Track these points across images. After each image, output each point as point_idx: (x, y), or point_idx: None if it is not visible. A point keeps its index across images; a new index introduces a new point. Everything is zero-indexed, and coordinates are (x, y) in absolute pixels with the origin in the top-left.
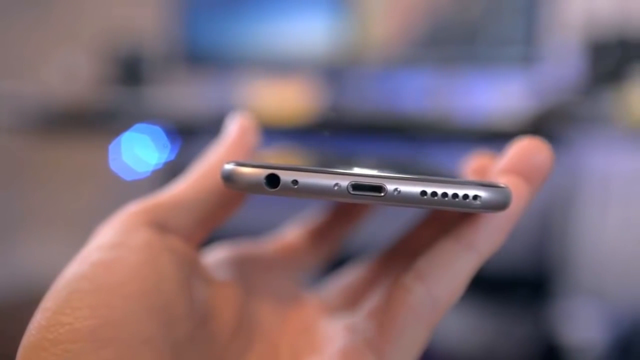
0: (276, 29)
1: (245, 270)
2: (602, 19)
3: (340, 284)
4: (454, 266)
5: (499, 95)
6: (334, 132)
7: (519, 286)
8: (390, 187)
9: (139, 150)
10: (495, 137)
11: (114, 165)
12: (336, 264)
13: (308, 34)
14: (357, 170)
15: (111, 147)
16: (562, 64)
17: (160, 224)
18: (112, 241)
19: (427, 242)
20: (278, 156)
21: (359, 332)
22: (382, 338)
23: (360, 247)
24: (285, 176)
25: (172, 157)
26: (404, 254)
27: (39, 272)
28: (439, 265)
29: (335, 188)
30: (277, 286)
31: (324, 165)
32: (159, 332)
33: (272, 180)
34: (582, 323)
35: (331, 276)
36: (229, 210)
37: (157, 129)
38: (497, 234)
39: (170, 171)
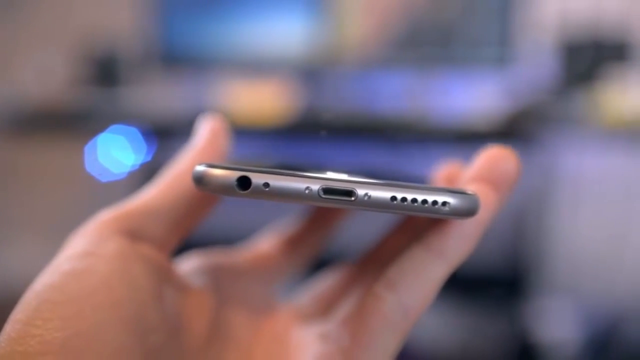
0: (253, 30)
1: (219, 279)
2: (575, 20)
3: (314, 292)
4: (424, 274)
5: (474, 96)
6: (310, 133)
7: (493, 285)
8: (360, 191)
9: (115, 152)
10: (470, 138)
11: (89, 167)
12: (310, 271)
13: (285, 34)
14: (328, 174)
15: (87, 148)
16: (536, 65)
17: (132, 232)
18: (83, 250)
19: (398, 250)
20: (251, 159)
21: (332, 340)
22: (355, 346)
23: (334, 254)
24: (257, 178)
25: (149, 158)
26: (376, 261)
27: (9, 275)
28: (409, 273)
29: (306, 191)
30: (250, 295)
31: (297, 169)
32: (131, 342)
33: (244, 182)
34: (556, 321)
35: (304, 284)
36: (200, 215)
37: (133, 130)
38: (466, 242)
39: (147, 172)
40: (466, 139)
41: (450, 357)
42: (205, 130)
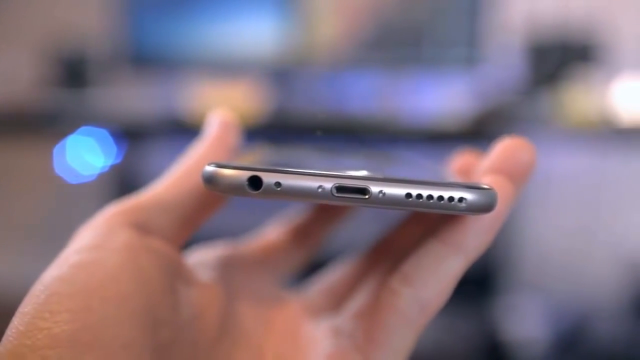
0: (223, 30)
1: (228, 272)
2: (542, 21)
3: (323, 284)
4: (441, 269)
5: (443, 96)
6: (281, 134)
7: (463, 283)
8: (374, 189)
9: (84, 154)
10: (439, 137)
11: (59, 169)
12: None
13: (255, 35)
14: (341, 171)
15: (56, 150)
16: (504, 65)
17: (141, 225)
18: (92, 243)
19: (412, 242)
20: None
21: (345, 335)
22: (369, 342)
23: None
24: (268, 178)
25: (118, 160)
26: (389, 253)
27: None
28: (426, 268)
29: (319, 190)
30: (259, 288)
31: (308, 164)
32: (140, 335)
33: (255, 183)
34: (525, 319)
35: (311, 277)
36: (210, 211)
37: (103, 132)
38: (484, 235)
39: (117, 174)
40: (435, 138)
41: (420, 354)
42: (215, 125)
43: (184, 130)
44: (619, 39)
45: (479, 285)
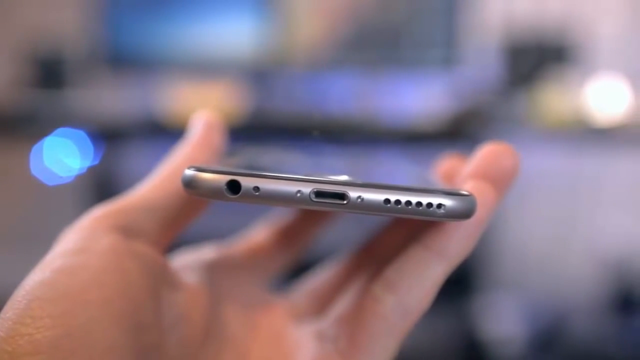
0: (201, 31)
1: (213, 275)
2: (520, 22)
3: (308, 287)
4: (424, 275)
5: (421, 97)
6: (259, 135)
7: None
8: (353, 194)
9: (61, 155)
10: (417, 138)
11: (36, 171)
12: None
13: (233, 35)
14: (320, 176)
15: (33, 151)
16: (481, 66)
17: (125, 229)
18: (76, 247)
19: (395, 246)
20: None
21: (328, 340)
22: (352, 347)
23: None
24: (247, 182)
25: (96, 161)
26: (372, 257)
27: None
28: (408, 274)
29: (298, 195)
30: (245, 291)
31: (288, 168)
32: (124, 339)
33: (233, 187)
34: (503, 318)
35: (297, 280)
36: (194, 213)
37: (80, 133)
38: (465, 241)
39: (94, 175)
40: (413, 139)
41: (397, 353)
42: (200, 125)
43: (162, 131)
44: (594, 40)
45: (456, 284)
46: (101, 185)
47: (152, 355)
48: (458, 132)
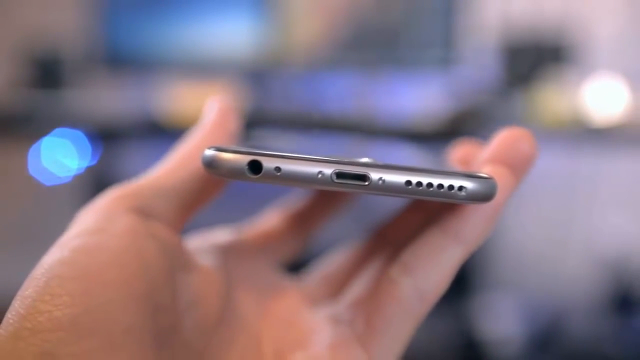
0: (199, 31)
1: (227, 259)
2: (516, 23)
3: (321, 272)
4: (441, 259)
5: (419, 97)
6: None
7: None
8: (374, 176)
9: (59, 155)
10: (415, 138)
11: (33, 171)
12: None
13: (231, 35)
14: (341, 158)
15: (31, 152)
16: (478, 66)
17: (142, 210)
18: (94, 227)
19: (411, 230)
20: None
21: (344, 323)
22: (369, 332)
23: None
24: (268, 163)
25: (94, 161)
26: (387, 242)
27: None
28: (426, 258)
29: (319, 176)
30: (258, 274)
31: (309, 150)
32: (142, 320)
33: (255, 167)
34: (500, 317)
35: (309, 264)
36: (210, 195)
37: (78, 133)
38: (483, 225)
39: (92, 175)
40: (411, 139)
41: None
42: (214, 111)
43: (160, 131)
44: (592, 40)
45: (454, 283)
46: (99, 186)
47: (168, 338)
48: (456, 132)
